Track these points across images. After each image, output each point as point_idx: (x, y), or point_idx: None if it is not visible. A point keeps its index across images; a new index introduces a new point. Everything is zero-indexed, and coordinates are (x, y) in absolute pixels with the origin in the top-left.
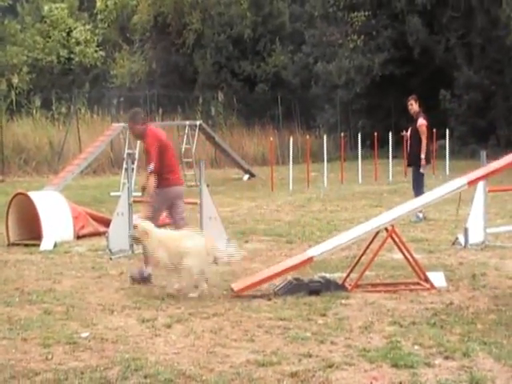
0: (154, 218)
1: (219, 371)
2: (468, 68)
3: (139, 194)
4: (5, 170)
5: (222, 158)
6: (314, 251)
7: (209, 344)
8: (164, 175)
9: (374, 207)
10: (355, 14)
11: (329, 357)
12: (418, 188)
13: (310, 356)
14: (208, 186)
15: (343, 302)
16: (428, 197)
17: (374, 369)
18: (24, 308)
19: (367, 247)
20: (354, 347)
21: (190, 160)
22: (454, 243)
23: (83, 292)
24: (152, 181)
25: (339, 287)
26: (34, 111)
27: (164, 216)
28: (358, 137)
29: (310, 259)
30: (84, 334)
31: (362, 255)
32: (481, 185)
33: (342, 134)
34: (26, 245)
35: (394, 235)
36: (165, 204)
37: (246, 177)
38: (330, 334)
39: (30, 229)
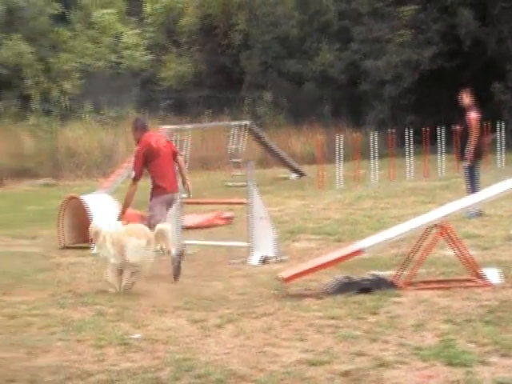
0: (154, 225)
1: (270, 371)
2: None
3: (185, 195)
4: (57, 174)
5: (271, 158)
6: (364, 244)
7: (259, 344)
8: (156, 183)
9: (425, 204)
10: (403, 8)
11: (381, 355)
12: (472, 183)
13: (362, 355)
14: (257, 185)
15: (395, 300)
16: (483, 194)
17: (427, 367)
18: (77, 310)
19: (418, 244)
20: (407, 346)
21: (239, 160)
22: (509, 239)
23: (135, 293)
24: (133, 189)
25: (390, 285)
26: (85, 116)
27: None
28: (407, 133)
29: (359, 251)
30: (136, 335)
31: (413, 252)
32: None
33: (391, 131)
34: (79, 248)
35: (446, 231)
36: (163, 208)
37: (293, 176)
38: (381, 332)
39: (82, 232)
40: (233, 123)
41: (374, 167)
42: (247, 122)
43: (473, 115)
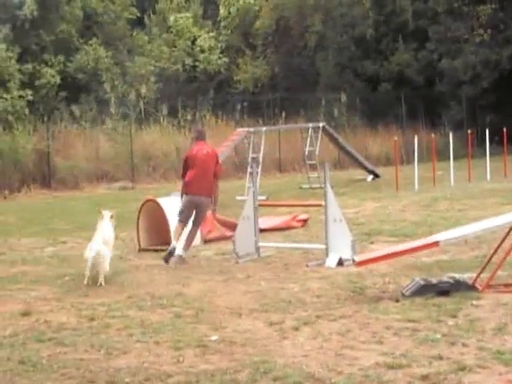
0: (181, 220)
1: (348, 373)
2: None
3: (263, 197)
4: (135, 177)
5: (346, 160)
6: (441, 236)
7: (337, 346)
8: (185, 183)
9: (504, 205)
10: (481, 7)
11: (461, 359)
12: None
13: (441, 358)
14: (332, 187)
15: (474, 302)
16: None
17: (509, 372)
18: (155, 312)
19: (498, 246)
20: (487, 349)
21: (314, 162)
22: None
23: (211, 295)
24: (182, 187)
25: (469, 288)
26: (162, 119)
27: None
28: (485, 133)
29: (436, 244)
30: (213, 337)
31: (493, 254)
32: None
33: (469, 131)
34: (156, 250)
35: None
36: (185, 208)
37: (369, 177)
38: (461, 335)
39: (160, 235)
40: (308, 125)
41: (451, 168)
42: (322, 124)
43: None
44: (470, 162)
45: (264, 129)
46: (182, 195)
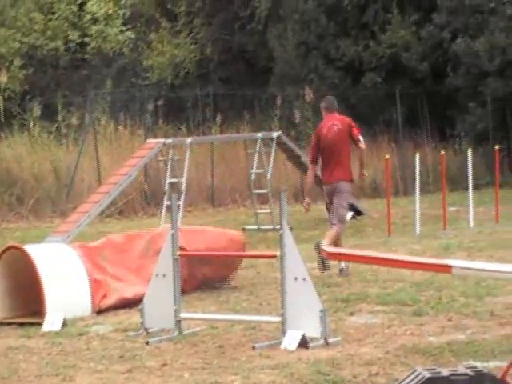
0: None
1: None
2: None
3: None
4: None
5: (313, 188)
6: (457, 262)
7: None
8: (321, 170)
9: None
10: None
11: None
12: None
13: None
14: (292, 229)
15: None
16: None
17: None
18: None
19: None
20: None
21: (265, 191)
22: None
23: None
24: (310, 172)
25: (497, 383)
26: (31, 123)
27: None
28: None
29: (447, 267)
30: None
31: None
32: None
33: (497, 147)
34: (22, 324)
35: None
36: (328, 198)
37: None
38: None
39: (27, 300)
40: (256, 135)
41: (471, 202)
42: (277, 134)
43: None
44: (499, 193)
45: (189, 140)
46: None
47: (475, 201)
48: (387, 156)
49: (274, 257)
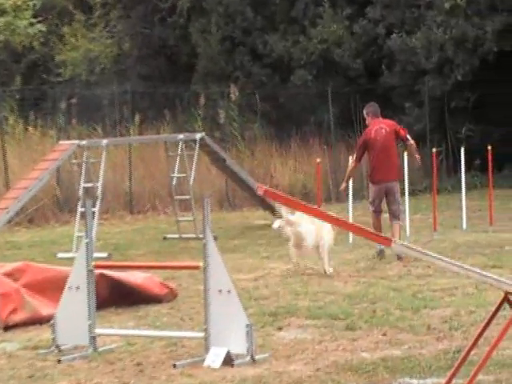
0: (374, 211)
1: None
2: None
3: (104, 254)
4: None
5: (238, 194)
6: (398, 240)
7: None
8: (371, 172)
9: (488, 268)
10: None
11: None
12: None
13: None
14: (216, 238)
15: None
16: None
17: None
18: None
19: (480, 335)
20: None
21: (187, 197)
22: None
23: None
24: (351, 166)
25: None
26: None
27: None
28: (459, 153)
29: (388, 241)
30: None
31: (472, 348)
32: None
33: (434, 149)
34: None
35: None
36: (375, 196)
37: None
38: None
39: None
40: (178, 136)
41: (407, 209)
42: (200, 135)
43: None
44: (436, 200)
45: (105, 142)
46: (346, 180)
47: (412, 208)
48: (318, 159)
49: (197, 268)
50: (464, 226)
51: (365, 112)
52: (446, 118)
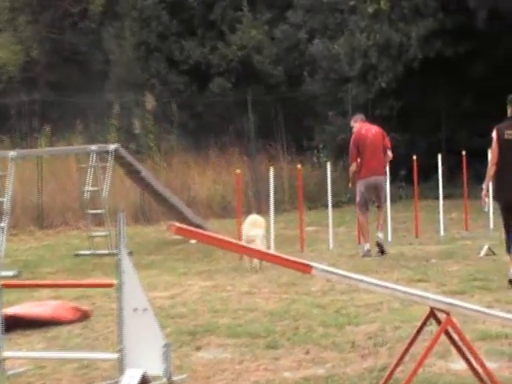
0: (362, 212)
1: None
2: None
3: (11, 272)
4: None
5: (154, 207)
6: (317, 264)
7: None
8: (359, 168)
9: (414, 282)
10: None
11: None
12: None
13: None
14: (131, 253)
15: None
16: None
17: None
18: None
19: (405, 351)
20: None
21: (100, 211)
22: None
23: None
24: (353, 166)
25: None
26: None
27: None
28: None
29: (308, 268)
30: None
31: (398, 365)
32: None
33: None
34: None
35: (450, 328)
36: (364, 191)
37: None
38: None
39: None
40: (90, 147)
41: (330, 221)
42: (114, 146)
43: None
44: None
45: (13, 153)
46: (351, 181)
47: (335, 220)
48: (238, 170)
49: (110, 286)
50: (389, 238)
51: (352, 121)
52: None
